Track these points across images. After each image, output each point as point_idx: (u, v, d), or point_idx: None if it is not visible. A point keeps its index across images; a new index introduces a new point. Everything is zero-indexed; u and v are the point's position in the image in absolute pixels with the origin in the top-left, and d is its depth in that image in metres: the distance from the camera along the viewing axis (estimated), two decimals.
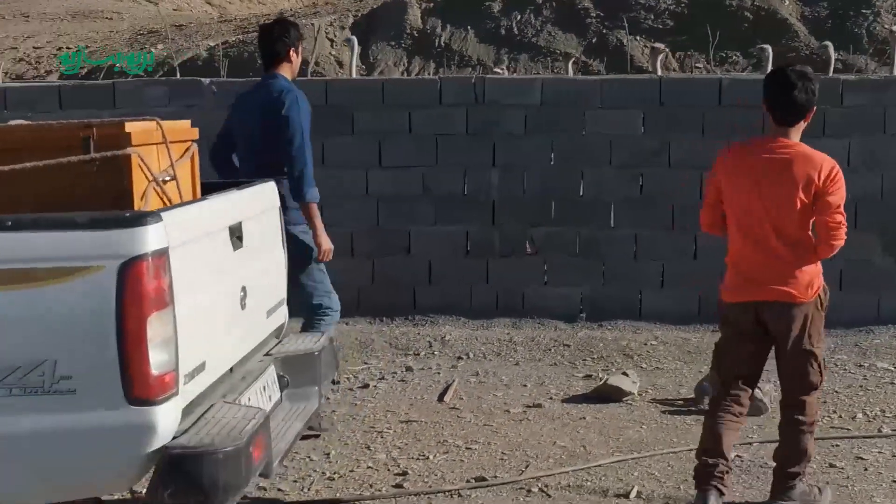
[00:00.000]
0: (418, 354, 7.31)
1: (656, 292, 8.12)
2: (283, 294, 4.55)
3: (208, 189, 4.15)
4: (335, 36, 29.43)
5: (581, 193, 8.13)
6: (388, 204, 8.21)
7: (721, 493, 4.21)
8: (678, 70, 25.12)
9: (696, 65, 25.88)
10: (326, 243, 5.34)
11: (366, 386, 6.48)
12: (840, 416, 5.90)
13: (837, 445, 5.38)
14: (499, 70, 20.79)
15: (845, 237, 4.18)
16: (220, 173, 5.35)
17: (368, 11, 30.55)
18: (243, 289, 3.84)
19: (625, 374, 6.25)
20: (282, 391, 4.16)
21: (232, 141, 5.48)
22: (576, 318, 8.07)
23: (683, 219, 7.98)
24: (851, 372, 6.85)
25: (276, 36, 5.40)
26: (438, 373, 6.85)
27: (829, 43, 12.17)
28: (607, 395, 6.07)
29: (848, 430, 5.66)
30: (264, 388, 3.97)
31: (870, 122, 7.90)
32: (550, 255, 8.18)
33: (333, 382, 5.79)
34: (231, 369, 3.78)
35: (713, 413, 4.32)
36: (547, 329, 7.94)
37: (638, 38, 27.23)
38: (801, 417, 4.29)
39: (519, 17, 28.74)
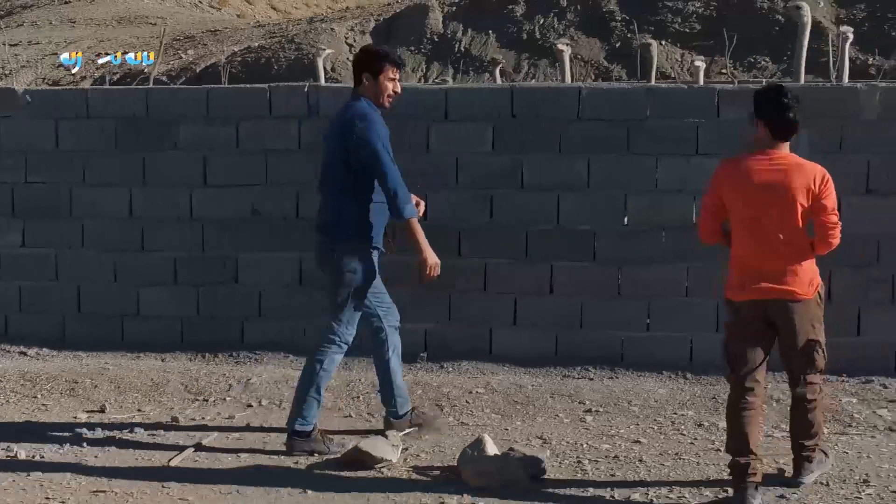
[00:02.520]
0: (206, 400, 6.47)
1: (508, 330, 7.18)
2: None
3: None
4: (355, 41, 28.73)
5: (425, 218, 7.17)
6: (214, 227, 7.40)
7: (757, 487, 4.64)
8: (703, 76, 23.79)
9: (722, 70, 24.60)
10: (433, 257, 5.41)
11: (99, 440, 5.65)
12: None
13: None
14: (445, 78, 20.02)
15: (839, 235, 4.73)
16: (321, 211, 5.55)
17: (391, 16, 29.85)
18: None
19: (385, 435, 5.32)
20: None
21: None
22: (417, 357, 7.14)
23: (538, 247, 7.04)
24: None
25: (356, 61, 5.56)
26: (204, 426, 5.99)
27: (802, 4, 11.05)
28: (357, 461, 5.15)
29: None
30: None
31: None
32: (392, 286, 7.24)
33: None
34: None
35: (736, 412, 4.72)
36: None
37: (663, 42, 26.01)
38: (809, 397, 4.77)
39: (542, 21, 27.76)
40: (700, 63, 10.13)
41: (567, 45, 9.66)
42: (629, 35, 26.16)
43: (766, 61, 24.63)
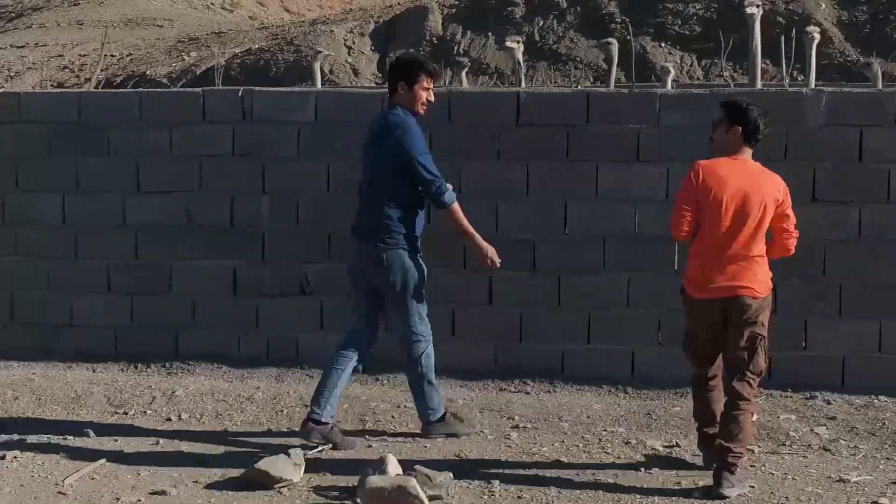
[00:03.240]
0: (126, 413, 6.29)
1: (447, 341, 6.94)
2: None
3: None
4: (353, 43, 28.54)
5: None
6: (147, 234, 7.24)
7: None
8: (702, 79, 23.61)
9: (721, 73, 24.29)
10: (486, 246, 5.68)
11: (2, 457, 5.48)
12: None
13: None
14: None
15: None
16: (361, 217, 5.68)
17: (391, 18, 29.60)
18: None
19: (287, 454, 5.13)
20: None
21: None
22: (354, 369, 6.93)
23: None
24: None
25: (390, 70, 5.68)
26: (116, 439, 5.81)
27: (873, 60, 10.86)
28: (256, 481, 4.97)
29: None
30: None
31: (693, 144, 6.60)
32: (328, 296, 7.08)
33: None
34: None
35: (701, 391, 5.18)
36: (313, 383, 6.83)
37: (662, 44, 25.71)
38: (745, 395, 4.90)
39: (541, 24, 27.46)
40: (670, 66, 9.80)
41: (518, 42, 9.37)
42: (629, 37, 25.83)
43: (766, 64, 24.18)
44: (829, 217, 6.49)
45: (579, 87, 14.32)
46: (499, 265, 5.69)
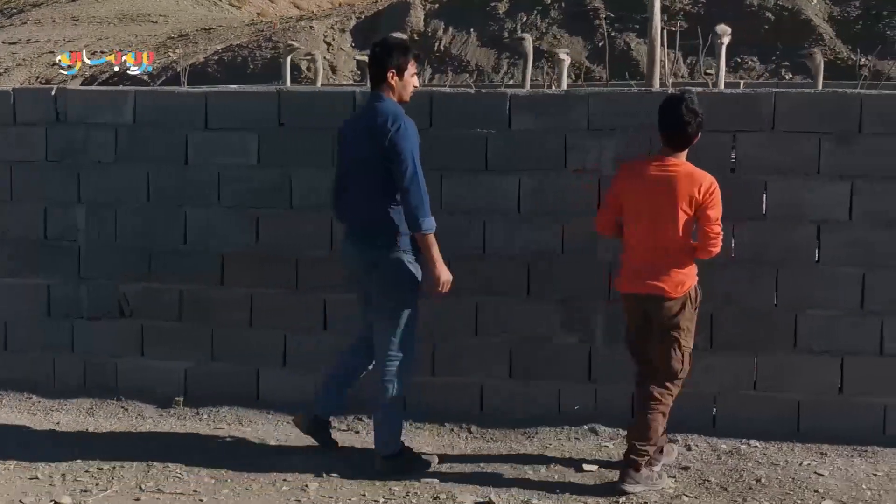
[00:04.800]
0: None
1: (277, 371, 6.22)
2: None
3: None
4: (334, 39, 27.86)
5: (185, 240, 6.25)
6: None
7: (660, 452, 5.16)
8: (687, 77, 22.78)
9: (708, 71, 23.43)
10: (446, 274, 5.07)
11: None
12: None
13: None
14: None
15: (721, 244, 4.91)
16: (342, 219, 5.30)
17: (372, 14, 28.94)
18: None
19: None
20: None
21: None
22: (171, 402, 6.21)
23: (311, 276, 6.08)
24: None
25: (378, 58, 5.12)
26: None
27: (816, 50, 10.09)
28: None
29: None
30: None
31: (547, 152, 5.82)
32: (149, 318, 6.33)
33: None
34: None
35: (638, 393, 5.13)
36: (127, 417, 6.15)
37: (647, 41, 24.81)
38: (657, 396, 4.93)
39: (525, 19, 26.72)
40: (565, 57, 8.93)
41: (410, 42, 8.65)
42: (613, 34, 25.04)
43: (753, 62, 23.38)
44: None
45: (551, 85, 13.47)
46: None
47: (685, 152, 4.95)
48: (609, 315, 5.80)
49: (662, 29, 26.07)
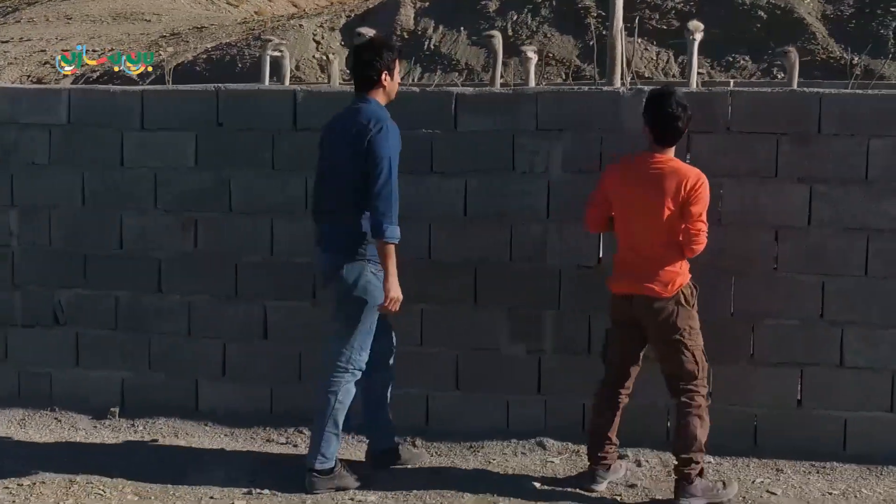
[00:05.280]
0: None
1: (216, 381, 5.98)
2: None
3: None
4: (323, 38, 27.61)
5: (121, 245, 6.01)
6: None
7: (608, 469, 4.97)
8: (678, 77, 22.53)
9: (699, 70, 23.15)
10: (396, 291, 4.81)
11: None
12: None
13: None
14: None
15: (705, 241, 4.73)
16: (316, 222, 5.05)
17: (363, 12, 28.68)
18: None
19: None
20: None
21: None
22: (107, 413, 5.97)
23: (250, 283, 5.82)
24: None
25: (368, 59, 4.88)
26: None
27: (791, 49, 9.79)
28: None
29: None
30: None
31: (494, 153, 5.57)
32: (84, 326, 6.09)
33: None
34: None
35: (599, 399, 4.97)
36: (60, 429, 5.92)
37: (640, 40, 24.57)
38: (686, 401, 4.73)
39: (515, 18, 26.48)
40: (532, 55, 8.65)
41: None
42: (604, 32, 24.71)
43: (745, 60, 23.07)
44: None
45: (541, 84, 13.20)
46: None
47: (673, 148, 4.79)
48: (560, 324, 5.56)
49: (654, 27, 25.56)
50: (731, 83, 13.26)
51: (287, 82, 10.02)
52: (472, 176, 5.61)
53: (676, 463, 4.76)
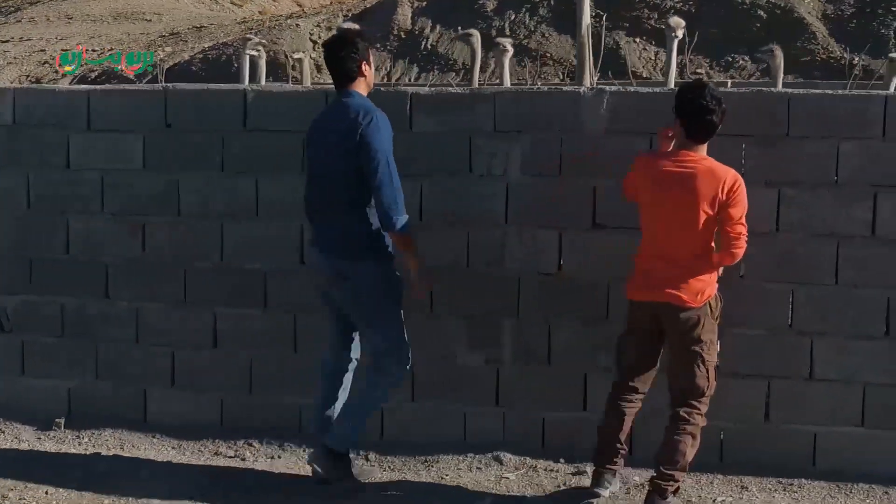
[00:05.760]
0: None
1: (166, 391, 5.77)
2: None
3: None
4: (320, 38, 27.41)
5: (67, 250, 5.80)
6: None
7: (615, 474, 4.73)
8: (676, 77, 22.17)
9: (697, 70, 22.97)
10: (423, 279, 4.78)
11: None
12: None
13: None
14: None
15: (745, 246, 4.45)
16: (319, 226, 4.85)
17: (360, 11, 28.50)
18: None
19: None
20: None
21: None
22: (52, 424, 5.77)
23: (199, 289, 5.62)
24: None
25: (345, 54, 4.73)
26: None
27: (775, 47, 9.50)
28: None
29: None
30: None
31: (450, 155, 5.35)
32: (30, 333, 5.89)
33: None
34: None
35: (614, 400, 4.71)
36: (2, 440, 5.73)
37: (637, 39, 24.38)
38: (684, 415, 4.51)
39: (513, 17, 26.29)
40: (508, 47, 8.29)
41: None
42: (602, 32, 24.50)
43: (744, 60, 22.81)
44: (614, 245, 5.20)
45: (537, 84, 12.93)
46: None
47: (706, 146, 4.52)
48: (519, 333, 5.34)
49: (653, 27, 25.38)
50: (729, 83, 13.02)
51: (263, 82, 9.78)
52: (427, 178, 5.40)
53: (655, 475, 4.54)
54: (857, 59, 21.21)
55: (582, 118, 5.23)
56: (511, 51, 8.10)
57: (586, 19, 6.74)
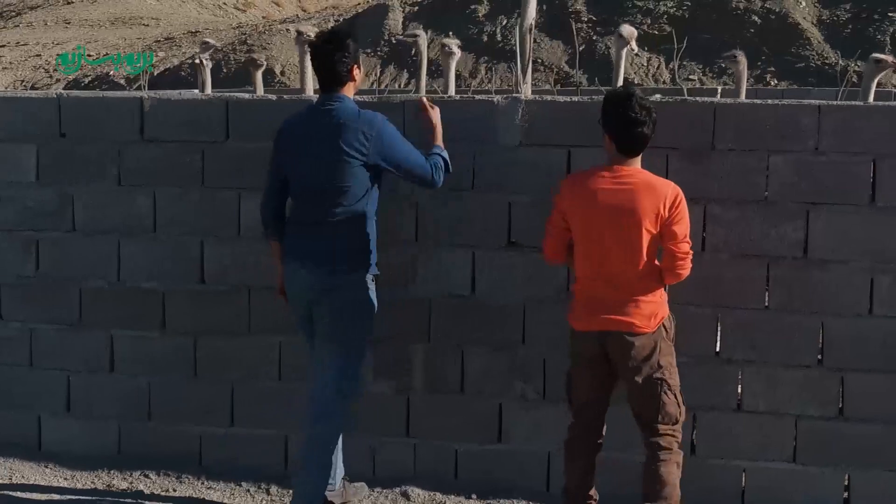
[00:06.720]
0: None
1: (60, 418, 5.43)
2: None
3: None
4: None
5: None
6: None
7: None
8: (668, 83, 22.01)
9: (690, 76, 22.64)
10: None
11: None
12: None
13: None
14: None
15: (691, 265, 4.17)
16: (270, 230, 4.60)
17: (351, 16, 28.31)
18: None
19: None
20: None
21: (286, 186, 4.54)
22: None
23: (95, 310, 5.28)
24: None
25: (337, 57, 4.45)
26: None
27: (738, 52, 9.14)
28: None
29: None
30: None
31: None
32: None
33: None
34: None
35: (571, 448, 4.34)
36: None
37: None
38: (663, 445, 4.17)
39: (504, 22, 26.00)
40: (455, 49, 7.84)
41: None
42: (595, 38, 24.26)
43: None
44: (530, 265, 4.84)
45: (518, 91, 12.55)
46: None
47: (639, 158, 4.18)
48: (430, 359, 4.98)
49: (646, 33, 24.97)
50: (720, 90, 12.70)
51: (208, 90, 9.44)
52: None
53: None
54: (851, 65, 20.84)
55: (496, 129, 4.87)
56: (458, 53, 7.67)
57: (530, 17, 6.35)
